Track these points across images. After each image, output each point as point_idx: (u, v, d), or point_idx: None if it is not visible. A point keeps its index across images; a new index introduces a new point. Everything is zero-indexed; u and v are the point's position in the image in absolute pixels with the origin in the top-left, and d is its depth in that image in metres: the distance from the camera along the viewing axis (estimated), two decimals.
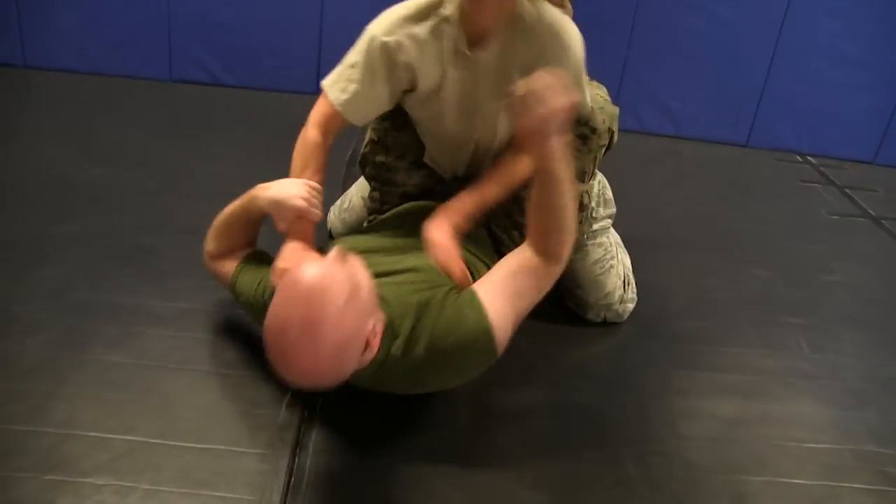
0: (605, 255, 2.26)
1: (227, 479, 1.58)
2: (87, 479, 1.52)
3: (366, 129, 2.21)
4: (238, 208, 1.94)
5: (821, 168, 4.04)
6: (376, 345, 1.50)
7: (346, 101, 1.92)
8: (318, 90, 1.98)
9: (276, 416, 1.77)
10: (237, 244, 1.97)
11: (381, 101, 1.95)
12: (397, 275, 1.74)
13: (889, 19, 3.91)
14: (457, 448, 1.76)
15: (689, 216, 3.24)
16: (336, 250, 1.50)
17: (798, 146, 4.18)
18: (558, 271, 1.71)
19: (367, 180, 2.30)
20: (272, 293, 1.55)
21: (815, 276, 2.86)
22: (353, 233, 2.19)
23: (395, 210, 2.14)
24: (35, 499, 1.47)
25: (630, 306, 2.34)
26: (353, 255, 1.53)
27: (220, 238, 1.98)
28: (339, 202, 2.62)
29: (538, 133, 1.55)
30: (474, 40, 1.84)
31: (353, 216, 2.49)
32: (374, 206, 2.25)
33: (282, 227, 1.83)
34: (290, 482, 1.60)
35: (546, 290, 1.72)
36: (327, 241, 2.19)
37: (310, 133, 1.92)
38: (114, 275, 2.27)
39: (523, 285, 1.68)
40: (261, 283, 1.81)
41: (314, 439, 1.72)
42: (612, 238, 2.35)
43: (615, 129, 2.10)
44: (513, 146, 1.94)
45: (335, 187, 2.24)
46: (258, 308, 1.77)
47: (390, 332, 1.59)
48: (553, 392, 2.03)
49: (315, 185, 1.85)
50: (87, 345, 1.95)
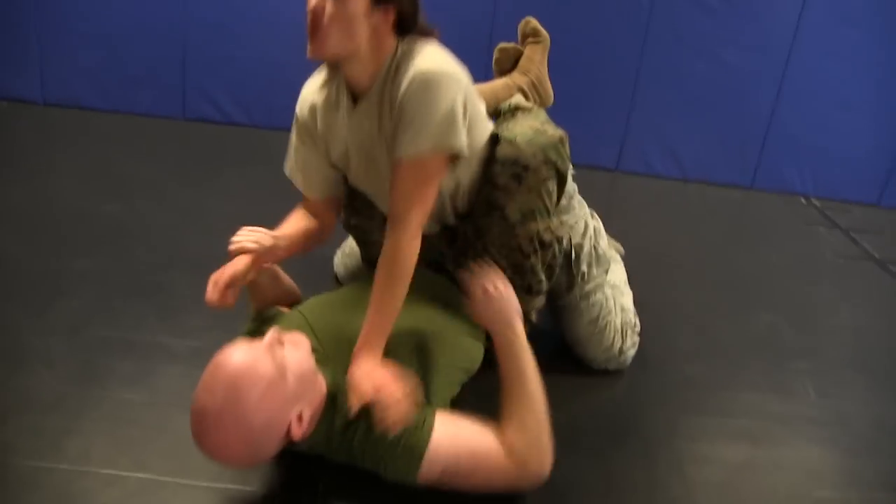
0: (600, 312, 2.23)
1: None
2: None
3: None
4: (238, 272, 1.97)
5: (825, 211, 4.07)
6: (300, 433, 1.53)
7: (290, 169, 2.05)
8: None
9: (286, 458, 1.79)
10: (261, 300, 2.03)
11: (317, 165, 2.01)
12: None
13: (893, 63, 3.97)
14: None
15: (696, 258, 3.26)
16: (272, 332, 1.55)
17: (803, 188, 4.22)
18: (511, 475, 1.63)
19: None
20: None
21: (821, 320, 2.87)
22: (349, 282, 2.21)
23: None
24: None
25: (632, 352, 2.32)
26: (296, 334, 1.63)
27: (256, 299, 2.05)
28: (342, 247, 2.66)
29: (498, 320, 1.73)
30: (358, 93, 1.82)
31: (353, 261, 2.54)
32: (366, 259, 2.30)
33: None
34: None
35: (488, 483, 1.63)
36: (334, 285, 2.22)
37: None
38: (129, 311, 2.31)
39: (473, 465, 1.61)
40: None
41: (325, 481, 1.74)
42: (610, 290, 2.28)
43: (556, 157, 1.92)
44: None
45: (340, 232, 2.27)
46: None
47: (332, 407, 1.62)
48: (560, 435, 2.03)
49: (257, 230, 1.86)
50: (103, 380, 1.98)
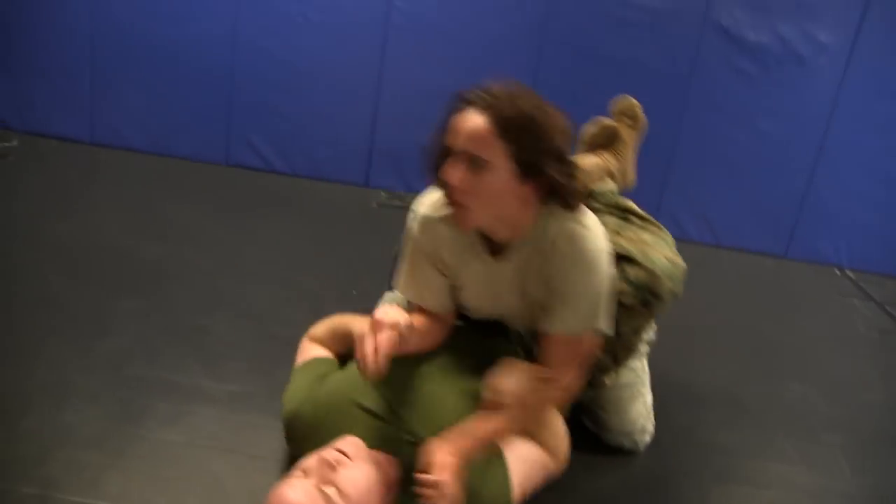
0: (635, 380, 2.22)
1: None
2: None
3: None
4: (349, 321, 2.03)
5: (860, 283, 4.05)
6: None
7: (403, 285, 1.94)
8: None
9: None
10: (330, 346, 2.05)
11: (436, 284, 1.89)
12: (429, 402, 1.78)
13: None
14: None
15: (728, 325, 3.26)
16: (319, 464, 1.53)
17: (837, 259, 4.21)
18: (557, 469, 1.84)
19: None
20: (294, 413, 1.77)
21: (854, 393, 2.85)
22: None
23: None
24: None
25: (647, 438, 2.27)
26: (347, 439, 1.64)
27: (325, 330, 2.07)
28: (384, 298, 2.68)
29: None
30: (494, 249, 1.79)
31: None
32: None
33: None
34: None
35: (541, 484, 1.81)
36: None
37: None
38: (169, 352, 2.36)
39: (534, 477, 1.77)
40: (295, 398, 1.86)
41: None
42: (647, 365, 2.31)
43: (679, 290, 2.00)
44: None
45: (382, 283, 2.30)
46: (284, 417, 1.86)
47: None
48: (594, 502, 2.04)
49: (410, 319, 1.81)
50: (142, 420, 2.02)
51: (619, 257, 1.92)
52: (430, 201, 1.83)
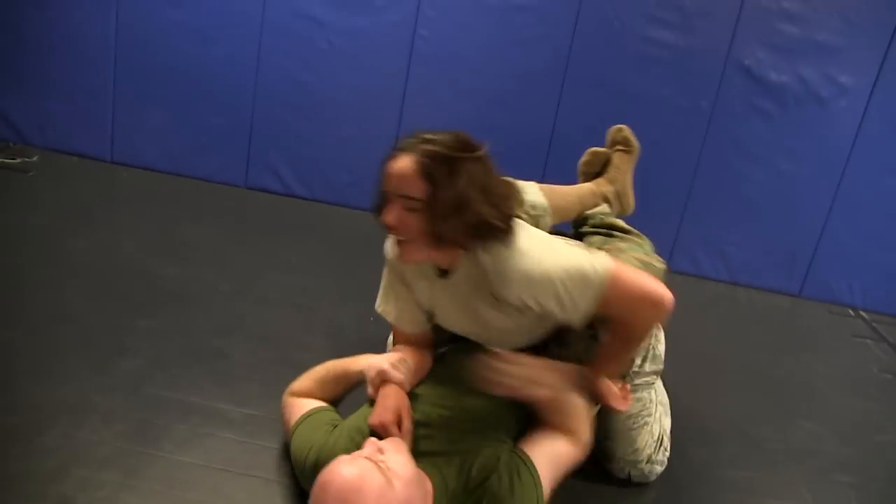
0: (641, 410, 2.21)
1: None
2: None
3: None
4: (342, 363, 2.06)
5: (873, 324, 4.04)
6: None
7: (380, 305, 2.11)
8: None
9: None
10: (321, 395, 2.06)
11: (410, 304, 2.06)
12: (450, 428, 1.84)
13: None
14: None
15: (742, 362, 3.25)
16: (371, 443, 1.62)
17: (851, 300, 4.20)
18: (580, 455, 1.85)
19: None
20: (314, 463, 1.75)
21: (866, 435, 2.84)
22: None
23: (450, 348, 2.19)
24: None
25: (658, 469, 2.26)
26: (393, 438, 1.70)
27: (312, 383, 2.08)
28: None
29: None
30: (442, 271, 1.92)
31: None
32: None
33: (371, 392, 1.92)
34: None
35: (568, 474, 1.84)
36: None
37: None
38: (187, 374, 2.38)
39: (559, 471, 1.80)
40: (311, 450, 1.86)
41: None
42: (656, 396, 2.29)
43: None
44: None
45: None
46: (301, 470, 1.88)
47: (445, 502, 1.68)
48: None
49: (403, 357, 1.97)
50: (159, 441, 2.04)
51: None
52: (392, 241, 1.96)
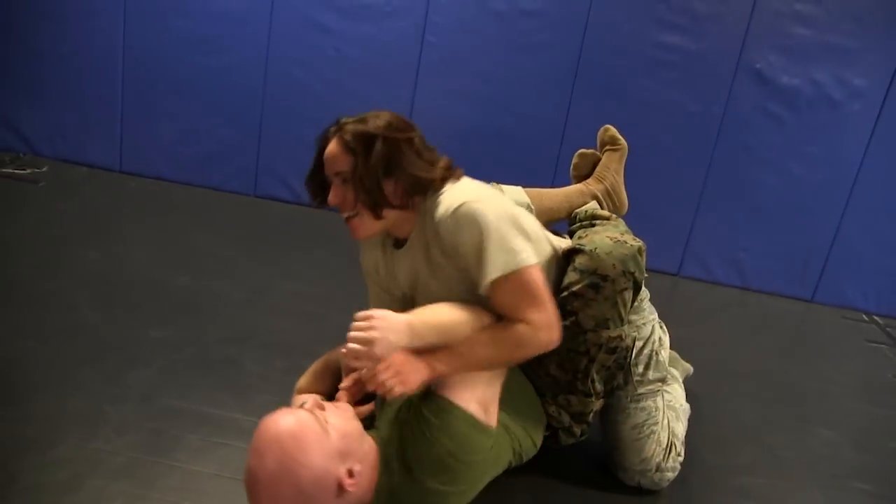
0: (647, 419, 2.17)
1: None
2: None
3: None
4: (336, 353, 2.08)
5: (888, 329, 4.02)
6: (353, 486, 1.57)
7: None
8: None
9: None
10: (320, 389, 2.07)
11: (385, 302, 2.10)
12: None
13: None
14: None
15: (754, 369, 3.24)
16: (312, 398, 1.65)
17: (864, 305, 4.18)
18: (534, 336, 1.80)
19: None
20: None
21: (882, 442, 2.81)
22: None
23: None
24: None
25: (670, 475, 2.23)
26: (340, 403, 1.72)
27: (311, 377, 2.11)
28: None
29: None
30: (398, 242, 2.00)
31: None
32: None
33: (345, 383, 1.90)
34: None
35: (523, 354, 1.85)
36: None
37: None
38: (199, 383, 2.38)
39: (493, 357, 1.80)
40: None
41: None
42: (663, 404, 2.23)
43: (635, 268, 1.98)
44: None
45: None
46: None
47: (384, 463, 1.70)
48: None
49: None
50: (172, 451, 2.03)
51: (571, 252, 2.00)
52: None
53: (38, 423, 2.06)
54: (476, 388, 1.76)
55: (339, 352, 1.95)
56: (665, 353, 2.24)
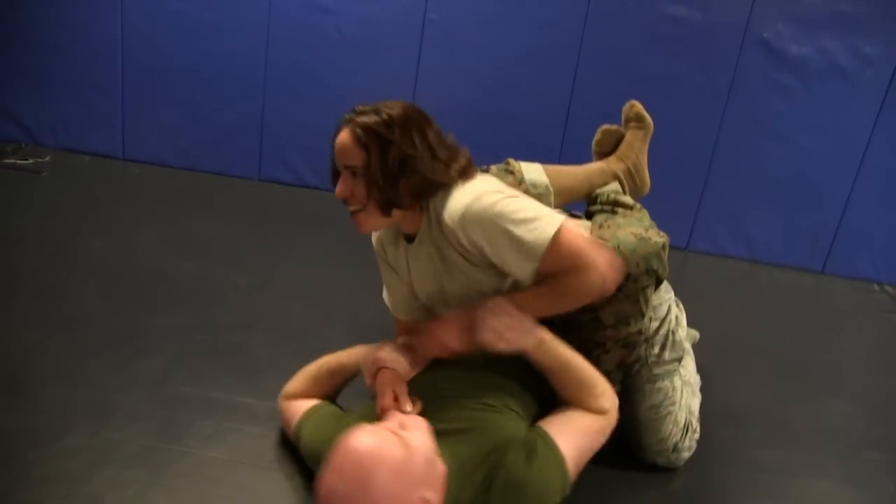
0: (663, 400, 2.16)
1: None
2: None
3: None
4: (334, 357, 2.06)
5: None
6: None
7: (384, 294, 2.20)
8: None
9: None
10: (317, 393, 2.05)
11: (399, 288, 2.11)
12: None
13: None
14: None
15: (766, 343, 3.22)
16: (395, 416, 1.60)
17: (875, 275, 4.15)
18: (608, 425, 1.82)
19: None
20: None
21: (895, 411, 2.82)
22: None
23: None
24: None
25: (686, 454, 2.23)
26: (414, 415, 1.66)
27: (305, 381, 2.07)
28: None
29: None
30: (409, 237, 1.96)
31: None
32: None
33: (368, 382, 1.89)
34: None
35: (600, 444, 1.81)
36: None
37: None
38: (208, 369, 2.37)
39: (584, 443, 1.76)
40: (330, 443, 1.83)
41: None
42: (680, 383, 2.22)
43: (657, 265, 1.98)
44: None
45: None
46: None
47: (459, 483, 1.62)
48: None
49: (398, 344, 1.94)
50: (184, 437, 2.03)
51: None
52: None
53: (49, 414, 2.06)
54: (576, 445, 1.74)
55: (358, 358, 1.96)
56: (682, 332, 2.23)
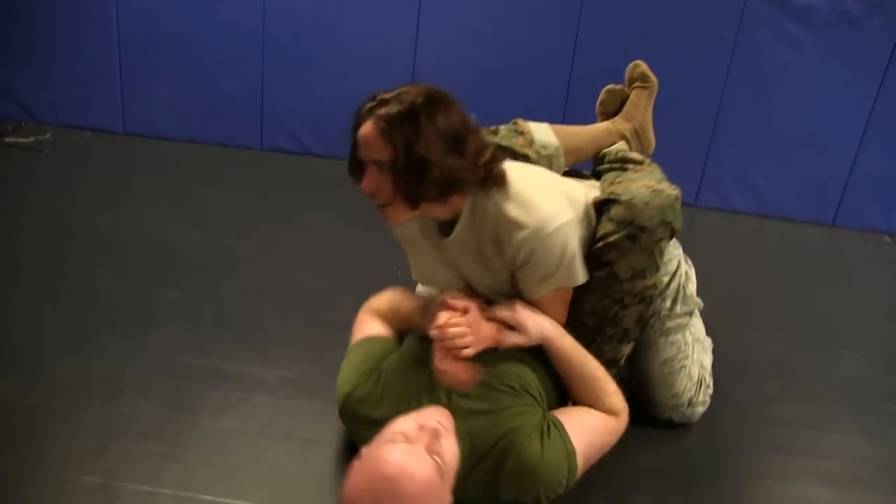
0: (677, 353, 2.16)
1: None
2: None
3: None
4: (411, 307, 2.05)
5: None
6: None
7: (419, 277, 2.15)
8: None
9: None
10: (392, 322, 2.05)
11: (429, 260, 2.06)
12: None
13: None
14: None
15: (777, 297, 3.20)
16: (433, 422, 1.57)
17: (887, 226, 4.10)
18: (620, 428, 1.89)
19: None
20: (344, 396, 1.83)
21: None
22: None
23: None
24: None
25: (701, 409, 2.24)
26: (442, 411, 1.66)
27: (387, 306, 2.08)
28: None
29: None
30: (443, 227, 1.92)
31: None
32: None
33: (425, 324, 1.88)
34: None
35: (610, 445, 1.86)
36: None
37: None
38: (217, 341, 2.37)
39: (595, 440, 1.80)
40: (343, 393, 1.86)
41: None
42: (691, 337, 2.23)
43: (671, 217, 1.94)
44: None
45: None
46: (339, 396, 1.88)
47: (469, 464, 1.66)
48: (650, 475, 2.03)
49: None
50: (196, 409, 2.04)
51: (605, 202, 1.94)
52: None
53: (62, 390, 2.07)
54: (586, 441, 1.77)
55: (419, 309, 1.98)
56: (692, 287, 2.21)
